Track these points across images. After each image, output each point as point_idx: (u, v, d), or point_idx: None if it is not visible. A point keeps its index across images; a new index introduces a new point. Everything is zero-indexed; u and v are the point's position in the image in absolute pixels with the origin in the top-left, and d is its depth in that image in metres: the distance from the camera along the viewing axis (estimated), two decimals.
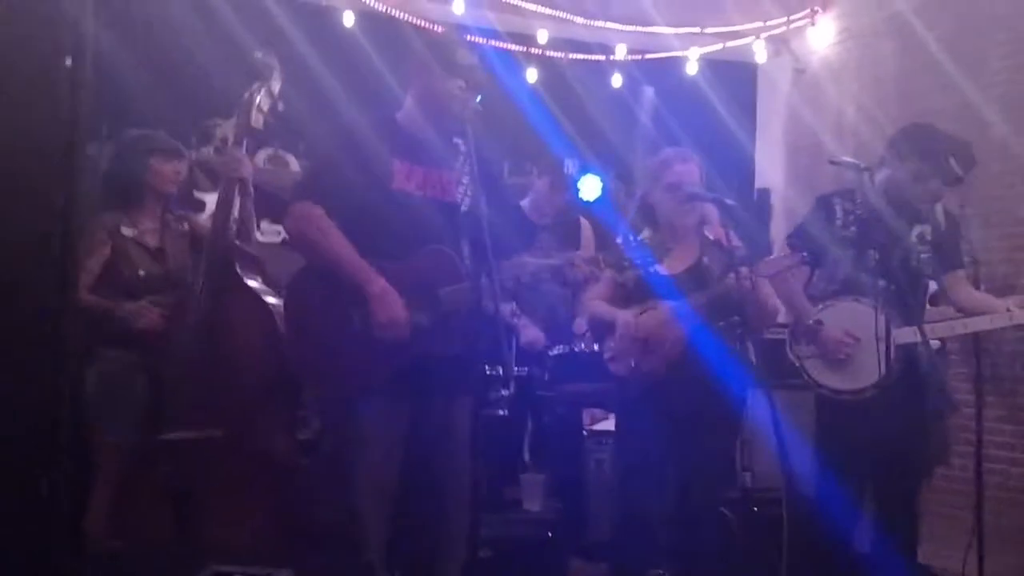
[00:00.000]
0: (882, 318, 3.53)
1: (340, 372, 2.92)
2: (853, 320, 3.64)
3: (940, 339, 4.24)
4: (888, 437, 3.56)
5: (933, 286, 4.11)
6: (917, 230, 3.71)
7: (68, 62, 1.48)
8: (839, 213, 3.74)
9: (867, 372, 3.58)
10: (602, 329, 3.76)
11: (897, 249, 3.67)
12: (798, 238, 3.84)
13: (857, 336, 3.62)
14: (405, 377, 2.89)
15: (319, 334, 2.95)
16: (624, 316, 3.63)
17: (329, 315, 2.93)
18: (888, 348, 3.47)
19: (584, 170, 6.08)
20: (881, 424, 3.55)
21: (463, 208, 2.99)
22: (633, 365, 3.60)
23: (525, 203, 5.44)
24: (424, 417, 2.96)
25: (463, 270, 2.89)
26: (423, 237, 2.96)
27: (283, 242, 4.88)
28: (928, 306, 3.90)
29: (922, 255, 3.70)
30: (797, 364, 3.71)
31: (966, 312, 3.76)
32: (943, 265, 3.77)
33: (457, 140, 3.02)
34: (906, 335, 3.56)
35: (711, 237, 3.64)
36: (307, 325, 2.99)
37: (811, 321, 3.67)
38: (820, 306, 3.70)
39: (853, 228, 3.70)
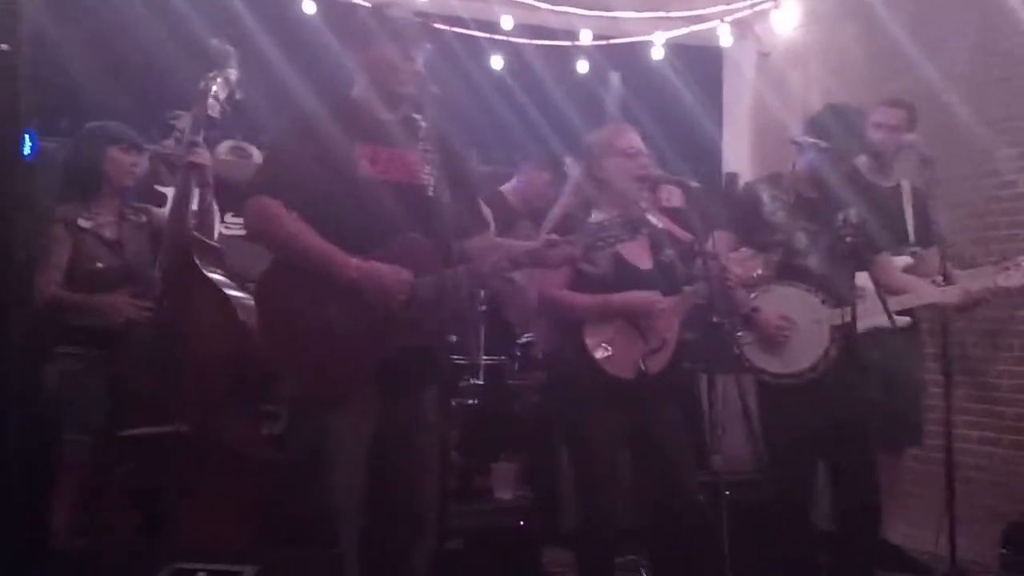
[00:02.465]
0: (817, 300, 3.57)
1: (315, 370, 2.82)
2: (789, 304, 3.67)
3: (910, 316, 4.27)
4: (833, 418, 3.59)
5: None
6: (842, 214, 3.72)
7: (4, 47, 1.42)
8: (766, 199, 3.75)
9: (805, 355, 3.63)
10: (572, 323, 3.45)
11: (825, 232, 3.70)
12: (731, 227, 3.82)
13: (793, 319, 3.64)
14: (377, 372, 2.82)
15: (293, 331, 2.84)
16: (637, 298, 3.41)
17: (303, 311, 2.82)
18: (827, 330, 3.56)
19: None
20: (824, 405, 3.57)
21: (429, 191, 2.88)
22: (642, 367, 3.39)
23: (507, 188, 5.44)
24: (394, 409, 2.90)
25: (436, 258, 2.82)
26: (393, 225, 2.85)
27: (247, 235, 4.84)
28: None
29: (847, 238, 3.70)
30: (737, 351, 3.71)
31: (892, 294, 3.79)
32: (870, 247, 3.79)
33: (415, 115, 2.93)
34: (838, 316, 3.61)
35: (659, 226, 3.61)
36: (280, 322, 2.87)
37: (747, 309, 3.67)
38: (755, 293, 3.70)
39: (780, 213, 3.72)
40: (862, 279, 3.79)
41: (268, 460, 3.34)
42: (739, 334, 3.68)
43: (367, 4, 3.30)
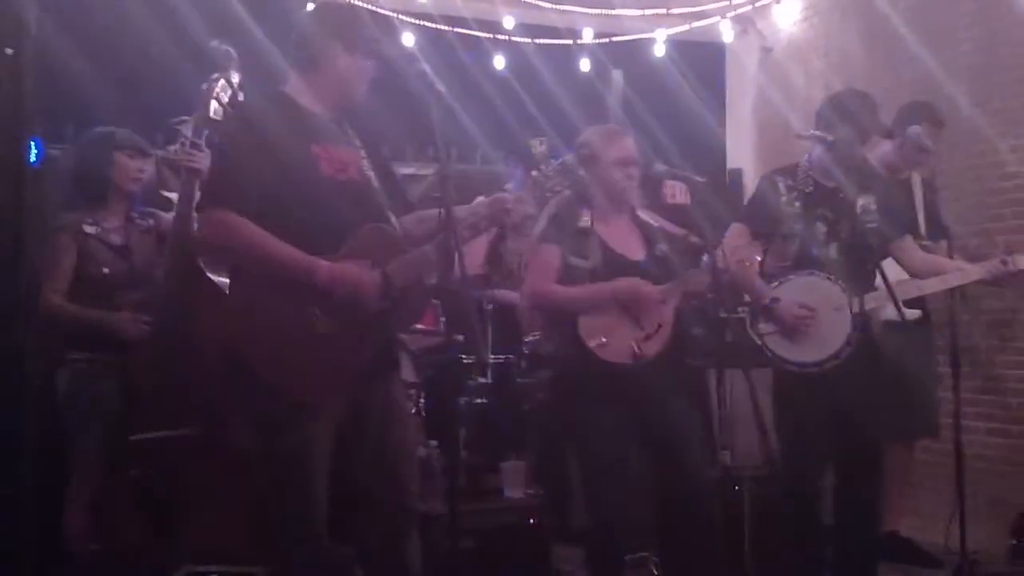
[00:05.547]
0: (837, 288, 3.57)
1: (296, 377, 2.70)
2: (809, 293, 3.67)
3: (921, 308, 4.28)
4: (850, 406, 3.59)
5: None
6: (862, 200, 3.72)
7: (8, 52, 1.43)
8: (782, 190, 3.76)
9: (828, 343, 3.62)
10: (567, 316, 3.50)
11: (844, 220, 3.70)
12: (748, 219, 3.84)
13: (813, 308, 3.64)
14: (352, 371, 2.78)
15: (276, 337, 2.71)
16: (623, 284, 3.46)
17: (285, 317, 2.70)
18: (848, 317, 3.56)
19: (556, 155, 6.03)
20: (843, 394, 3.58)
21: (373, 183, 2.89)
22: (638, 351, 3.43)
23: (509, 188, 5.46)
24: (367, 402, 2.83)
25: (399, 244, 2.79)
26: (353, 222, 2.80)
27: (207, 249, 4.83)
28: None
29: (868, 224, 3.70)
30: (759, 342, 3.71)
31: (918, 276, 3.81)
32: (891, 233, 3.79)
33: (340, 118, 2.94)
34: (858, 303, 3.60)
35: (653, 224, 3.65)
36: (262, 328, 2.72)
37: (767, 300, 3.67)
38: (775, 283, 3.70)
39: (798, 203, 3.72)
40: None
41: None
42: (760, 326, 3.69)
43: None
